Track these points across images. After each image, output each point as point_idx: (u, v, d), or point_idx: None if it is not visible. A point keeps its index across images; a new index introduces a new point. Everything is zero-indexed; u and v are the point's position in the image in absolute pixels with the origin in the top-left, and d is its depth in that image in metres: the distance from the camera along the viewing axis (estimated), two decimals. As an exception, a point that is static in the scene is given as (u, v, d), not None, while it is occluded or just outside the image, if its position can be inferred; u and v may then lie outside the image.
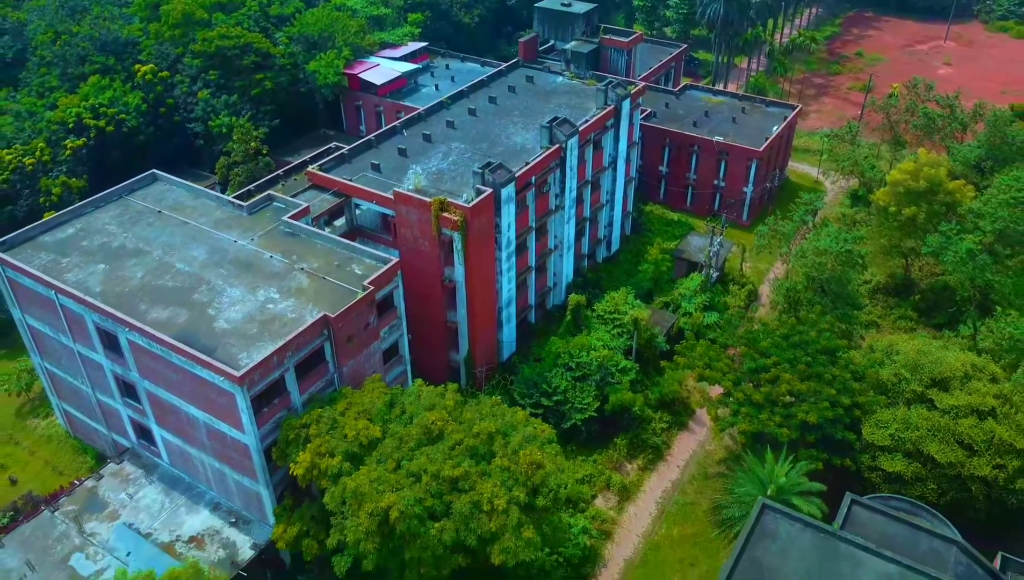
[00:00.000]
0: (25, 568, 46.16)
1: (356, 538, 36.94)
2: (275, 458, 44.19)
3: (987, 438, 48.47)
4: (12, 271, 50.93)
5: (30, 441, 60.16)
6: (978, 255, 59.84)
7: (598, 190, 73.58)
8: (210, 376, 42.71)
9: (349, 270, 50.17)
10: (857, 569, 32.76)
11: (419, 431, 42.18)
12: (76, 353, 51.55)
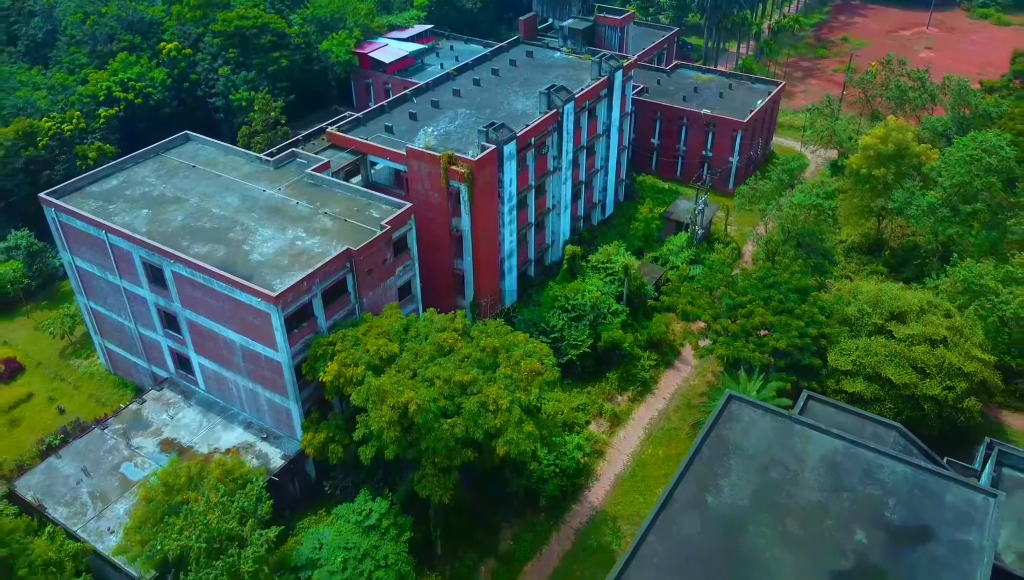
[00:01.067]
0: (81, 474, 51.88)
1: (379, 427, 42.56)
2: (304, 372, 49.83)
3: (938, 363, 54.20)
4: (65, 215, 56.59)
5: (74, 378, 65.81)
6: (938, 208, 65.52)
7: (593, 156, 79.20)
8: (248, 299, 48.39)
9: (368, 214, 55.86)
10: (808, 444, 38.41)
11: (432, 347, 47.87)
12: (122, 290, 57.20)
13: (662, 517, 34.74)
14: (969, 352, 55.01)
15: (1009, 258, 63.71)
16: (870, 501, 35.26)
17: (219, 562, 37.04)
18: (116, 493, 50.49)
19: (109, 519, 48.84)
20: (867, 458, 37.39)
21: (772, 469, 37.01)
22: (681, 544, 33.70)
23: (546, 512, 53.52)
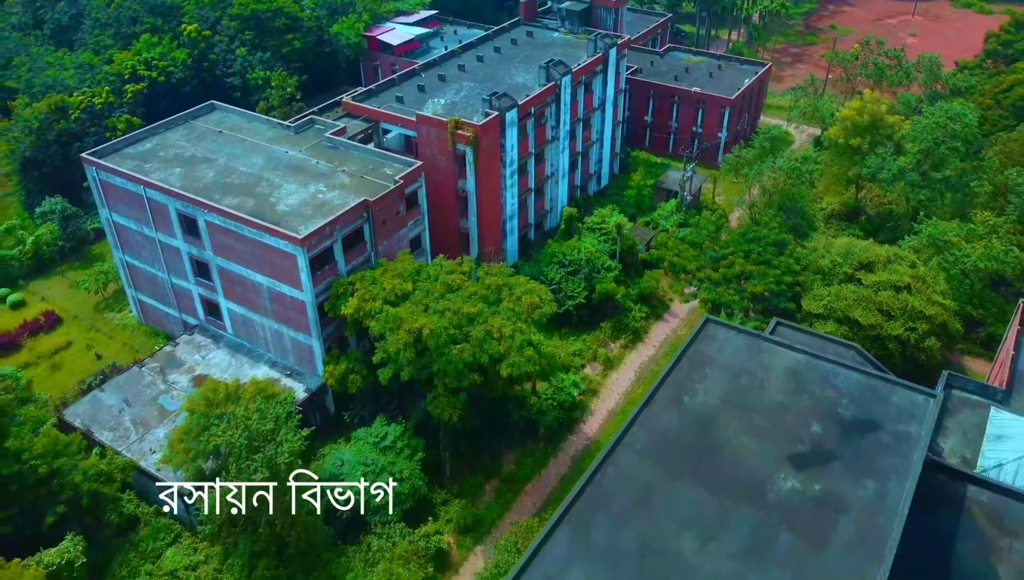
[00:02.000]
0: (123, 405, 57.05)
1: (396, 349, 47.70)
2: (327, 310, 54.99)
3: (902, 306, 59.33)
4: (105, 173, 61.72)
5: (108, 329, 70.95)
6: (907, 172, 70.65)
7: (589, 129, 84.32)
8: (276, 242, 53.53)
9: (382, 172, 60.98)
10: (774, 358, 43.54)
11: (442, 286, 53.04)
12: (157, 242, 62.34)
13: (644, 413, 39.89)
14: (931, 298, 60.12)
15: (972, 218, 68.83)
16: (826, 401, 40.41)
17: (258, 456, 42.16)
18: (155, 420, 55.67)
19: (150, 442, 53.99)
20: (825, 368, 42.56)
21: (742, 377, 42.14)
22: (660, 434, 38.83)
23: (545, 441, 58.70)
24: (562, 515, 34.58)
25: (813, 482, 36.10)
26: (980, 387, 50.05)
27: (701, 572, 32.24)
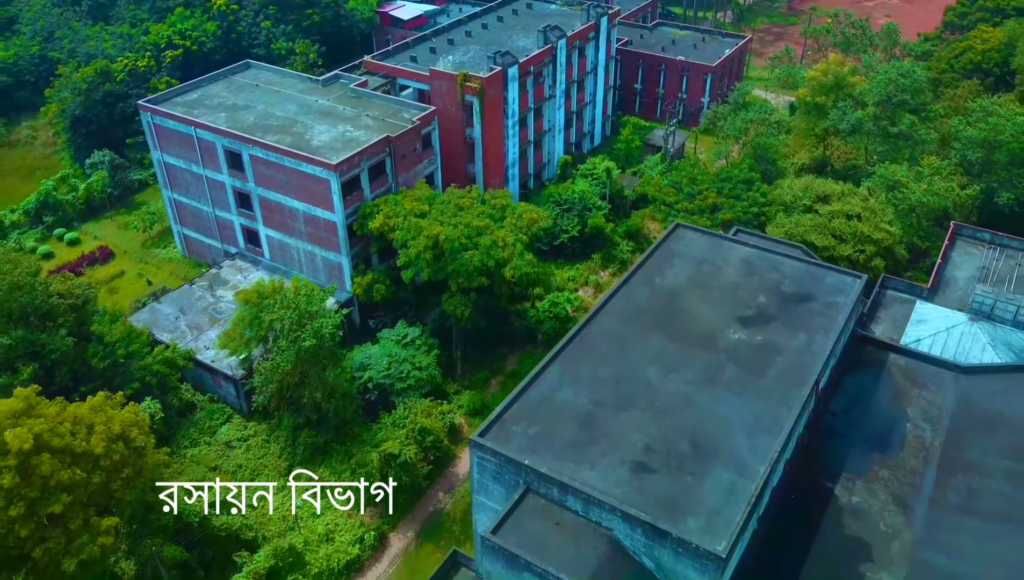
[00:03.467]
0: (179, 313, 65.84)
1: (417, 252, 56.48)
2: (355, 229, 63.73)
3: (853, 231, 67.98)
4: (159, 117, 70.44)
5: (155, 261, 79.66)
6: (865, 123, 79.33)
7: (583, 91, 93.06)
8: (312, 169, 62.27)
9: (401, 116, 69.72)
10: (731, 251, 52.20)
11: (454, 206, 61.77)
12: (203, 178, 71.06)
13: (622, 290, 48.55)
14: (878, 225, 68.80)
15: (921, 163, 77.47)
16: (771, 281, 49.12)
17: (306, 327, 50.91)
18: (207, 324, 64.47)
19: (203, 341, 62.76)
20: (773, 258, 51.29)
21: (703, 265, 50.85)
22: (635, 303, 47.50)
23: (543, 346, 67.38)
24: (554, 356, 43.33)
25: (756, 335, 44.82)
26: (910, 287, 59.05)
27: (664, 392, 40.98)
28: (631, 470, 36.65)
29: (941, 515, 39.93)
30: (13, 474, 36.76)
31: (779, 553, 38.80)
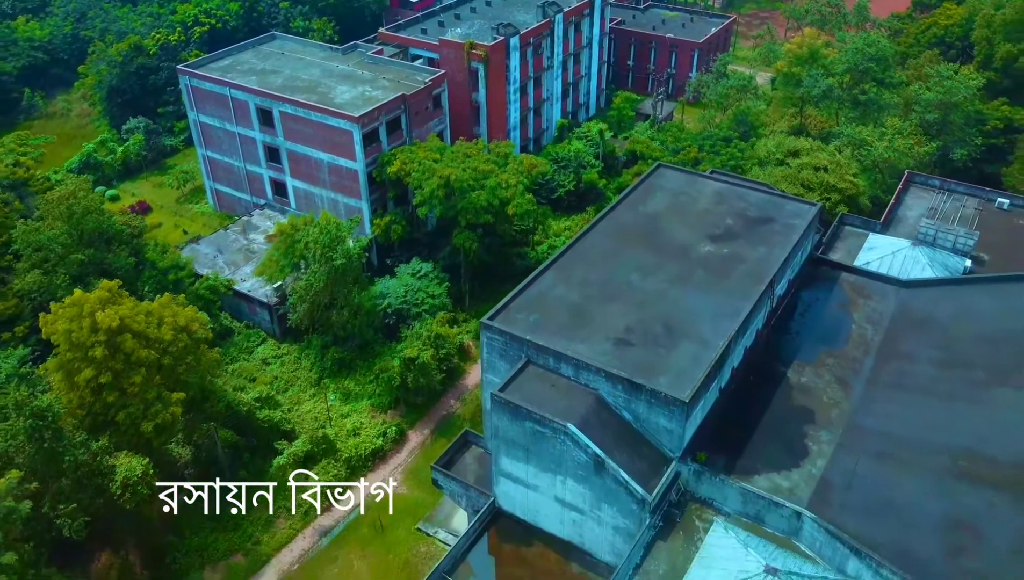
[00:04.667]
0: (216, 252, 73.31)
1: (430, 191, 63.94)
2: (375, 176, 71.20)
3: (820, 182, 75.31)
4: (196, 80, 77.87)
5: (189, 215, 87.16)
6: (834, 89, 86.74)
7: (579, 64, 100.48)
8: (337, 122, 69.68)
9: (415, 79, 77.14)
10: (705, 186, 59.52)
11: (462, 155, 69.20)
12: (236, 135, 78.47)
13: (609, 215, 55.98)
14: (844, 176, 76.19)
15: (884, 124, 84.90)
16: (738, 208, 56.48)
17: (337, 249, 58.37)
18: (242, 262, 71.96)
19: (239, 275, 70.23)
20: (741, 191, 58.65)
21: (681, 196, 58.25)
22: (620, 224, 54.82)
23: (541, 284, 74.80)
24: (550, 264, 50.75)
25: (723, 248, 52.21)
26: (864, 222, 66.58)
27: (643, 290, 48.38)
28: (614, 345, 44.10)
29: (874, 391, 47.34)
30: (103, 348, 44.23)
31: (738, 419, 46.16)
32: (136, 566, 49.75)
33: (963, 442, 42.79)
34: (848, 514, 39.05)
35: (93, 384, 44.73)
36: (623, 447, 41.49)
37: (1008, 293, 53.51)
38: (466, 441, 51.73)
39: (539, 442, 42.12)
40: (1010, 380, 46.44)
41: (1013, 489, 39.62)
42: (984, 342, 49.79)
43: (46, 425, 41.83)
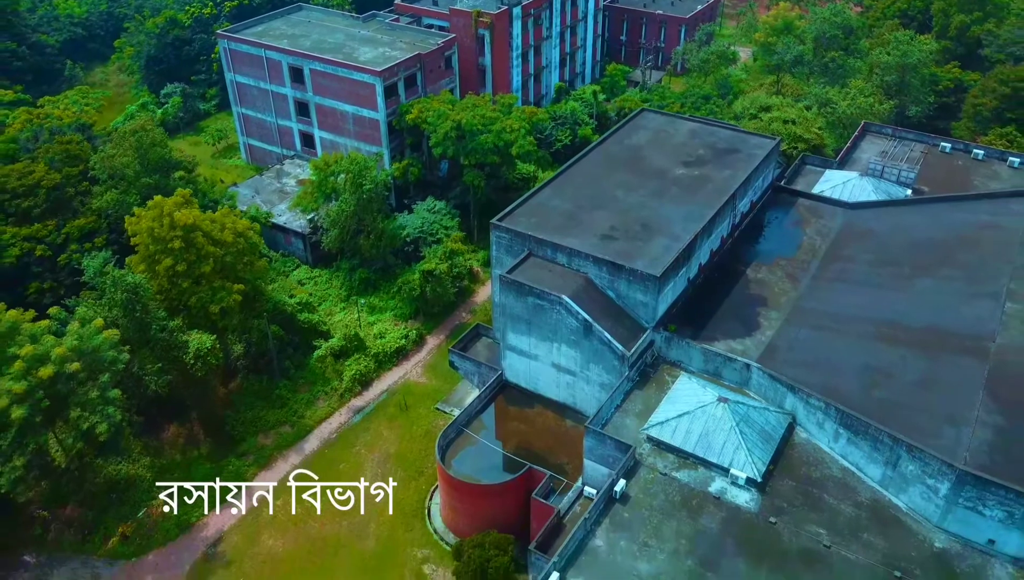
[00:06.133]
0: (254, 192, 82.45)
1: (444, 132, 73.00)
2: (394, 124, 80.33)
3: (788, 133, 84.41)
4: (234, 43, 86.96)
5: (224, 168, 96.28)
6: (806, 56, 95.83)
7: (575, 36, 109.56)
8: (361, 76, 78.77)
9: (428, 42, 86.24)
10: (682, 125, 68.57)
11: (471, 104, 78.31)
12: (269, 92, 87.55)
13: (598, 147, 65.11)
14: (810, 128, 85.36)
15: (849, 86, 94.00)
16: (709, 141, 65.58)
17: (367, 176, 67.49)
18: (277, 200, 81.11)
19: (275, 211, 79.38)
20: (713, 129, 67.79)
21: (660, 133, 67.35)
22: (608, 155, 63.91)
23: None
24: (546, 183, 59.89)
25: (694, 171, 61.36)
26: (823, 161, 75.64)
27: (625, 201, 57.46)
28: (600, 238, 53.25)
29: (818, 283, 56.49)
30: (180, 241, 53.41)
31: (703, 304, 55.25)
32: (199, 434, 58.98)
33: (886, 316, 51.92)
34: (788, 367, 48.16)
35: (171, 272, 53.89)
36: (607, 318, 50.62)
37: (934, 211, 62.74)
38: (477, 333, 60.89)
39: (539, 314, 51.27)
40: (929, 272, 55.58)
41: (921, 346, 48.75)
42: (911, 247, 58.96)
43: (137, 299, 50.95)
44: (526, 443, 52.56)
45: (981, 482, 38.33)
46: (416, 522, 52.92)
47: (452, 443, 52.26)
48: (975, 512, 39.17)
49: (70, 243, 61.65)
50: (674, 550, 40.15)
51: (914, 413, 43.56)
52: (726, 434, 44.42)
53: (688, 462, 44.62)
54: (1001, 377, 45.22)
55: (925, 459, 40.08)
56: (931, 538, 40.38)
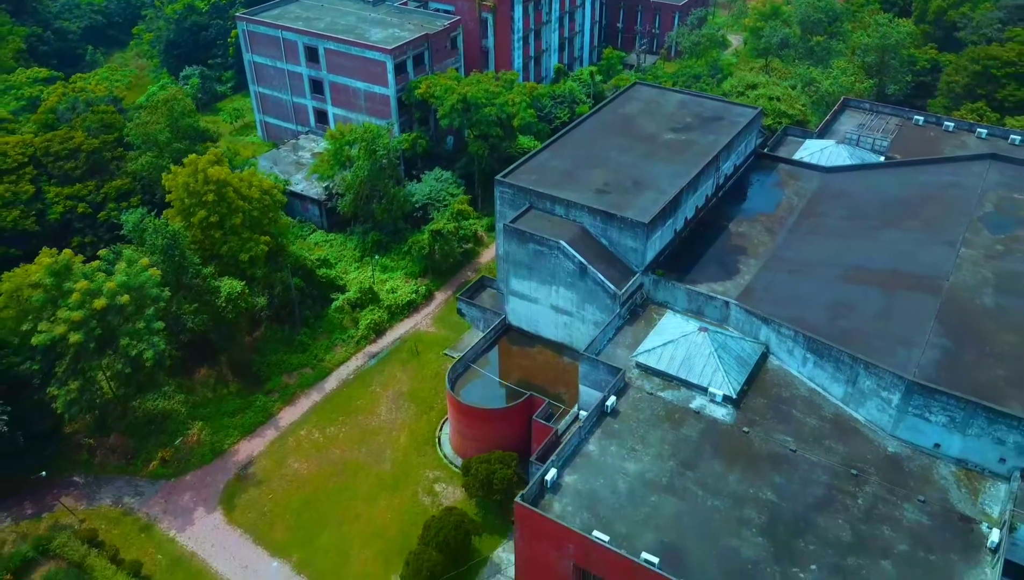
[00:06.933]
0: (272, 164, 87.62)
1: (451, 104, 78.21)
2: (403, 99, 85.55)
3: (774, 108, 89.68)
4: (252, 24, 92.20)
5: (241, 144, 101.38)
6: (791, 38, 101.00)
7: (573, 21, 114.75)
8: (373, 55, 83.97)
9: (435, 24, 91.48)
10: (672, 97, 73.84)
11: (475, 80, 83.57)
12: (285, 72, 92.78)
13: (594, 115, 70.31)
14: (794, 105, 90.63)
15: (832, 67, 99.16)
16: (696, 111, 70.80)
17: (380, 143, 72.72)
18: (294, 171, 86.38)
19: (293, 180, 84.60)
20: (700, 100, 73.05)
21: (651, 103, 72.53)
22: (602, 121, 68.97)
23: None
24: (545, 146, 65.05)
25: (682, 136, 66.58)
26: (804, 132, 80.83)
27: (618, 162, 62.59)
28: (594, 192, 58.45)
29: (793, 236, 61.68)
30: (213, 195, 58.68)
31: (688, 254, 60.47)
32: (228, 375, 64.26)
33: (853, 261, 57.09)
34: (763, 304, 53.32)
35: (204, 223, 59.16)
36: (601, 262, 55.83)
37: (903, 173, 67.93)
38: (483, 284, 66.12)
39: (539, 259, 56.52)
40: (894, 225, 60.78)
41: (882, 285, 53.93)
42: (880, 204, 64.15)
43: (175, 245, 56.22)
44: (527, 377, 57.83)
45: (927, 390, 43.53)
46: (428, 449, 58.19)
47: (460, 377, 57.56)
48: (922, 419, 44.38)
49: (108, 202, 66.90)
50: (658, 454, 45.40)
51: (873, 338, 48.77)
52: (706, 359, 49.65)
53: (672, 384, 49.86)
54: (951, 309, 50.48)
55: (880, 374, 45.31)
56: (885, 444, 45.61)
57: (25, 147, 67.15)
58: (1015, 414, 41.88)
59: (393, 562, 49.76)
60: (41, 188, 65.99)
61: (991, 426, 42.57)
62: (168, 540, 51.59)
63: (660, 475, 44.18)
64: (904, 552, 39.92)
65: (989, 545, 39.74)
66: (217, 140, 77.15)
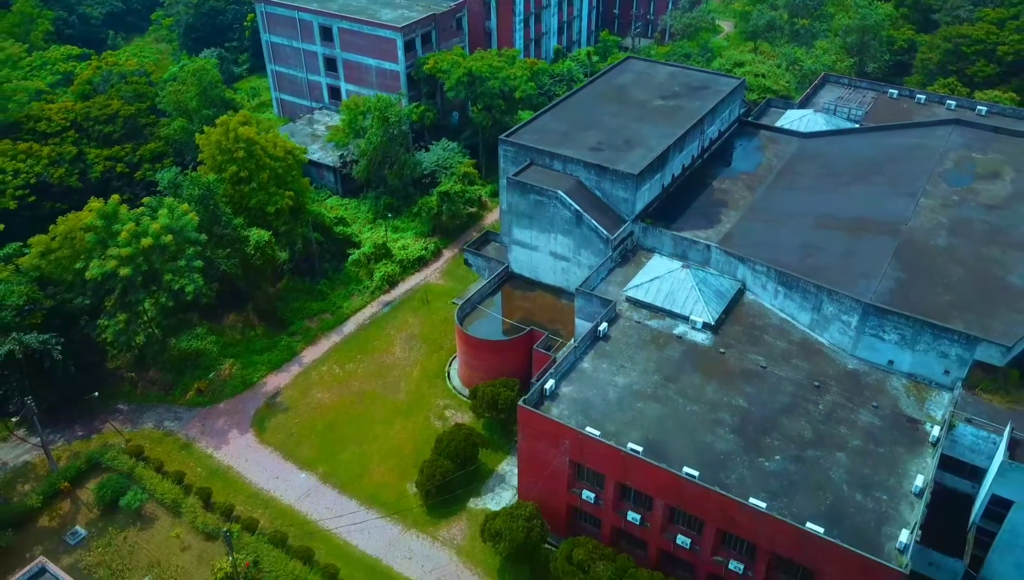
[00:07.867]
0: (290, 135, 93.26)
1: (457, 77, 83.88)
2: (412, 75, 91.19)
3: (759, 84, 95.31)
4: (269, 7, 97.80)
5: (258, 120, 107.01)
6: (777, 21, 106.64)
7: (572, 6, 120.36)
8: (384, 33, 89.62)
9: (441, 6, 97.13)
10: (662, 69, 79.57)
11: (479, 55, 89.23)
12: (301, 51, 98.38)
13: (589, 85, 75.98)
14: (778, 81, 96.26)
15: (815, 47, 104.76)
16: (685, 81, 76.41)
17: (390, 111, 78.37)
18: (310, 141, 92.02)
19: (308, 149, 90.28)
20: (688, 72, 78.70)
21: (643, 75, 78.19)
22: (597, 91, 74.63)
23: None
24: (544, 111, 70.71)
25: (671, 102, 72.23)
26: (785, 104, 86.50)
27: (611, 124, 68.26)
28: (589, 149, 64.10)
29: (772, 191, 67.33)
30: (243, 152, 64.37)
31: (674, 207, 66.14)
32: (254, 320, 69.98)
33: (824, 211, 62.75)
34: (741, 247, 58.98)
35: (235, 178, 64.86)
36: (595, 211, 61.48)
37: (874, 137, 73.56)
38: (487, 238, 71.72)
39: (539, 209, 62.20)
40: (862, 181, 66.46)
41: (847, 230, 59.56)
42: (852, 164, 69.75)
43: (209, 195, 61.93)
44: (528, 317, 63.54)
45: (881, 312, 49.26)
46: (438, 381, 63.92)
47: (467, 316, 63.28)
48: (878, 338, 50.10)
49: (143, 163, 72.62)
50: (644, 370, 51.12)
51: (837, 273, 54.44)
52: (688, 292, 55.38)
53: (658, 314, 55.55)
54: (908, 248, 56.19)
55: (840, 300, 51.03)
56: (845, 362, 51.33)
57: (67, 112, 72.90)
58: (957, 329, 47.63)
59: (408, 473, 55.46)
60: (83, 150, 71.69)
61: (936, 341, 48.27)
62: (206, 456, 57.31)
63: (645, 386, 49.89)
64: (858, 446, 45.66)
65: (931, 439, 45.49)
66: (241, 106, 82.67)
